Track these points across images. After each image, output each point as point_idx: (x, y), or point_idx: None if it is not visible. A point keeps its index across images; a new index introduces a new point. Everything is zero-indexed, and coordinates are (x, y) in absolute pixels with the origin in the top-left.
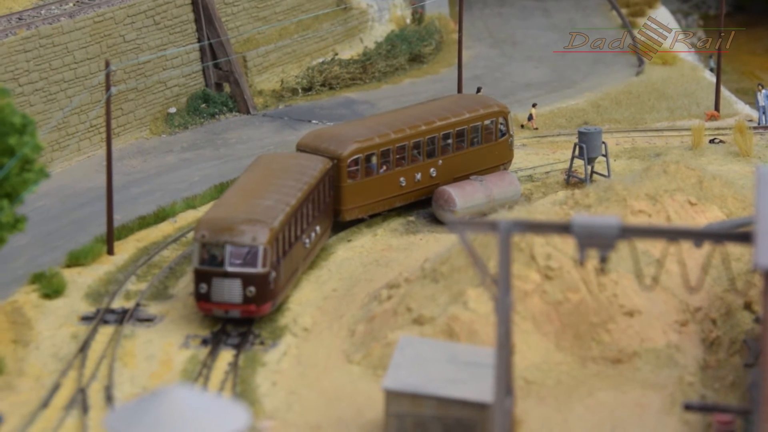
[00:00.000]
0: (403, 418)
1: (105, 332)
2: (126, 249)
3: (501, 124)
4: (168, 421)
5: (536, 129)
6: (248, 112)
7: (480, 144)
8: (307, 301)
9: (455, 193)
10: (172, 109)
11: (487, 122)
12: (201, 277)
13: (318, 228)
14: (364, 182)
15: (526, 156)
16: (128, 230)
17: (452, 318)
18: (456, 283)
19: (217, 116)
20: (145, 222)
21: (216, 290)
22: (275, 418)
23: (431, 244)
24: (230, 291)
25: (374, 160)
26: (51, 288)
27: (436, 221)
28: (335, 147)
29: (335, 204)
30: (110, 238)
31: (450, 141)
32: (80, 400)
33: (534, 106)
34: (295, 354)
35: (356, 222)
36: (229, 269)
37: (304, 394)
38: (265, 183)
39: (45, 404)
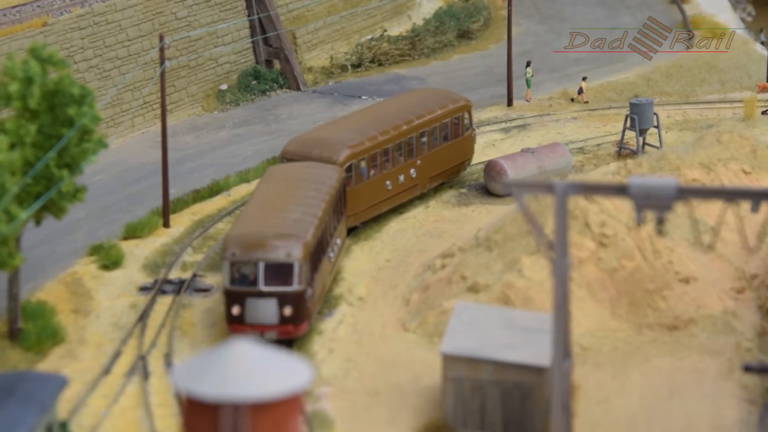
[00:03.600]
0: (460, 382)
1: (163, 302)
2: (181, 222)
3: (465, 118)
4: (232, 375)
5: (586, 102)
6: (298, 89)
7: (449, 140)
8: (361, 271)
9: (507, 164)
10: (224, 86)
11: (455, 118)
12: (233, 298)
13: (338, 240)
14: (357, 188)
15: (577, 129)
16: (183, 203)
17: (507, 285)
18: (510, 251)
19: (267, 93)
20: (199, 195)
21: (250, 311)
22: (333, 385)
23: (483, 216)
24: (265, 312)
25: (363, 164)
26: (109, 259)
27: (487, 193)
28: (329, 153)
29: None
30: (166, 211)
31: (425, 139)
32: (141, 367)
33: (584, 79)
34: (350, 322)
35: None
36: (264, 288)
37: (360, 361)
38: (286, 195)
39: (107, 371)
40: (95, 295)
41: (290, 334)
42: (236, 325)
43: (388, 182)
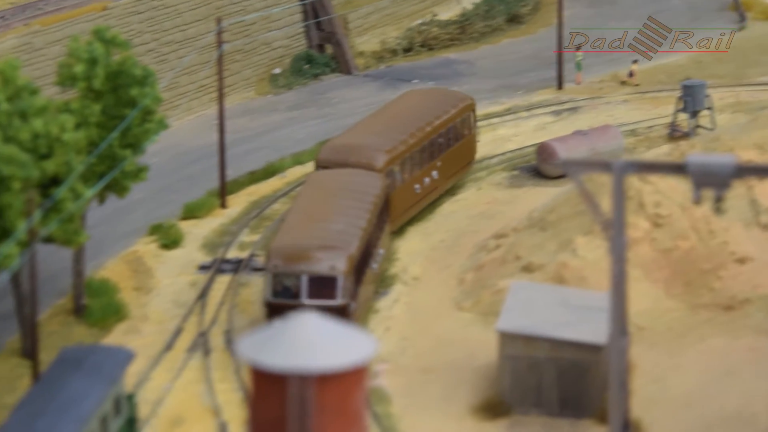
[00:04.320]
0: (517, 360)
1: (222, 280)
2: (238, 202)
3: (471, 118)
4: (299, 347)
5: (637, 85)
6: (350, 73)
7: (460, 140)
8: (415, 252)
9: (559, 146)
10: (277, 70)
11: (463, 117)
12: (274, 310)
13: (382, 251)
14: (393, 194)
15: (628, 111)
16: (239, 185)
17: (562, 265)
18: (564, 231)
19: (319, 77)
20: (254, 177)
21: None
22: (389, 362)
23: (535, 197)
24: None
25: (397, 169)
26: (169, 239)
27: (539, 175)
28: (367, 159)
29: None
30: (223, 192)
31: (442, 140)
32: (202, 344)
33: (635, 62)
34: (406, 301)
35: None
36: (307, 302)
37: (416, 339)
38: (330, 204)
39: (169, 347)
40: (156, 273)
41: None
42: None
43: (416, 186)
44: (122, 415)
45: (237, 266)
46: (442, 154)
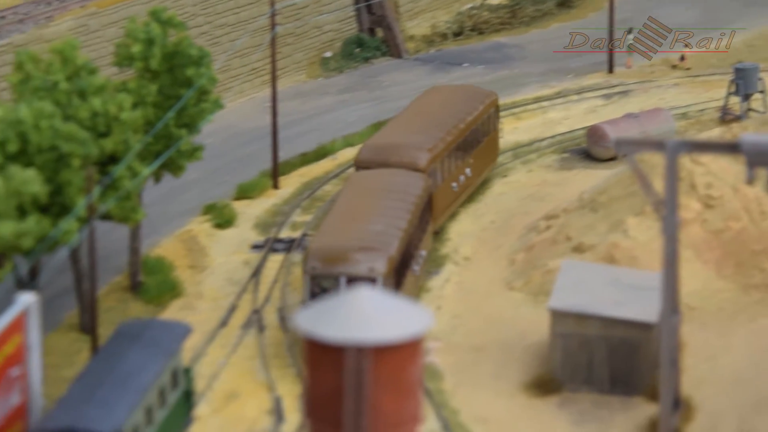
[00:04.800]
0: (568, 338)
1: (275, 259)
2: (290, 183)
3: (494, 114)
4: (356, 319)
5: (688, 69)
6: (400, 56)
7: (488, 136)
8: (466, 232)
9: (609, 128)
10: (328, 54)
11: (489, 114)
12: None
13: (423, 252)
14: (434, 194)
15: (679, 95)
16: (291, 166)
17: (612, 246)
18: (615, 212)
19: (370, 60)
20: (306, 159)
21: None
22: (440, 340)
23: (585, 179)
24: None
25: (437, 167)
26: (223, 218)
27: (589, 158)
28: (410, 159)
29: None
30: (275, 173)
31: (473, 137)
32: (256, 321)
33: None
34: (457, 281)
35: None
36: None
37: (467, 318)
38: (370, 204)
39: (224, 323)
40: (210, 252)
41: None
42: None
43: (454, 184)
44: (179, 388)
45: (289, 245)
46: (474, 151)
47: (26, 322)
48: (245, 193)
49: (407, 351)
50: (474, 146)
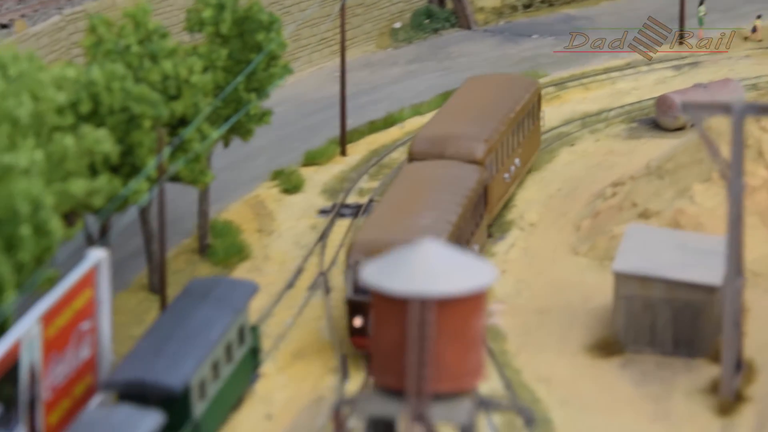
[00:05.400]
0: (632, 300)
1: (341, 224)
2: (358, 151)
3: (537, 103)
4: (420, 272)
5: (760, 41)
6: (469, 28)
7: (533, 125)
8: (532, 199)
9: (678, 98)
10: (397, 25)
11: (534, 102)
12: (355, 308)
13: (476, 247)
14: (490, 185)
15: (750, 66)
16: (359, 134)
17: (678, 212)
18: (682, 179)
19: (439, 32)
20: (374, 127)
21: None
22: (505, 303)
23: (653, 149)
24: None
25: (492, 158)
26: (290, 184)
27: (657, 127)
28: (467, 150)
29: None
30: (343, 140)
31: (520, 126)
32: (322, 283)
33: (758, 17)
34: (522, 246)
35: None
36: None
37: (532, 282)
38: (420, 197)
39: (290, 285)
40: (277, 216)
41: None
42: (358, 338)
43: (506, 174)
44: (246, 345)
45: (356, 211)
46: (522, 140)
47: (96, 277)
48: (313, 159)
49: (470, 304)
50: (522, 136)
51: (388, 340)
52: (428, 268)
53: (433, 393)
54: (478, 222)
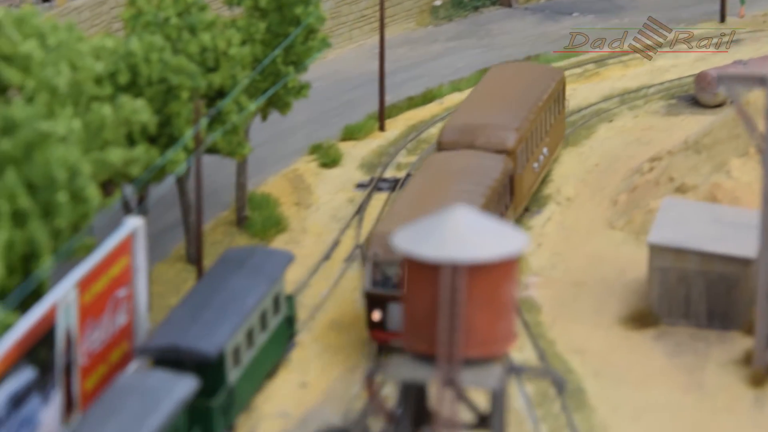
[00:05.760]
0: (666, 272)
1: (378, 198)
2: (396, 126)
3: (561, 93)
4: (452, 239)
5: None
6: (510, 5)
7: (559, 114)
8: (569, 174)
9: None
10: (438, 2)
11: (560, 91)
12: (374, 301)
13: None
14: (521, 175)
15: None
16: (398, 109)
17: (715, 186)
18: (719, 153)
19: (480, 9)
20: (413, 102)
21: (392, 318)
22: (541, 275)
23: (692, 125)
24: None
25: (523, 148)
26: (328, 158)
27: (697, 104)
28: (497, 140)
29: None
30: (382, 115)
31: (547, 115)
32: (358, 255)
33: None
34: (558, 220)
35: None
36: None
37: (567, 255)
38: (443, 189)
39: (327, 257)
40: (315, 190)
41: None
42: (377, 331)
43: (535, 164)
44: (281, 314)
45: (394, 185)
46: (549, 130)
47: (133, 245)
48: (351, 134)
49: (501, 270)
50: (549, 125)
51: (420, 306)
52: (460, 235)
53: (463, 358)
54: (503, 212)
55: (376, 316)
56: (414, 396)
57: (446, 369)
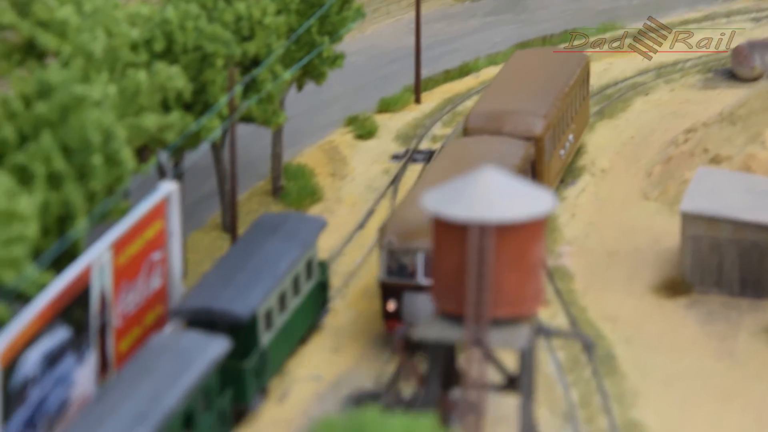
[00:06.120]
0: (699, 240)
1: (413, 169)
2: (432, 99)
3: (588, 77)
4: (480, 199)
5: None
6: None
7: (584, 100)
8: (604, 146)
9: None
10: None
11: (585, 77)
12: (388, 291)
13: None
14: (548, 162)
15: None
16: (434, 82)
17: (749, 157)
18: (754, 125)
19: None
20: (449, 76)
21: (408, 307)
22: (574, 245)
23: (728, 98)
24: (425, 308)
25: (550, 134)
26: (364, 130)
27: (734, 78)
28: (525, 126)
29: None
30: (418, 87)
31: (573, 101)
32: None
33: None
34: (593, 191)
35: None
36: (424, 282)
37: (601, 225)
38: (458, 176)
39: (361, 226)
40: (350, 161)
41: None
42: (392, 321)
43: (562, 151)
44: (314, 279)
45: (429, 156)
46: (575, 116)
47: (167, 209)
48: (387, 106)
49: (529, 231)
50: (574, 111)
51: (449, 267)
52: (488, 196)
53: (491, 318)
54: None
55: (391, 306)
56: (443, 358)
57: (474, 329)
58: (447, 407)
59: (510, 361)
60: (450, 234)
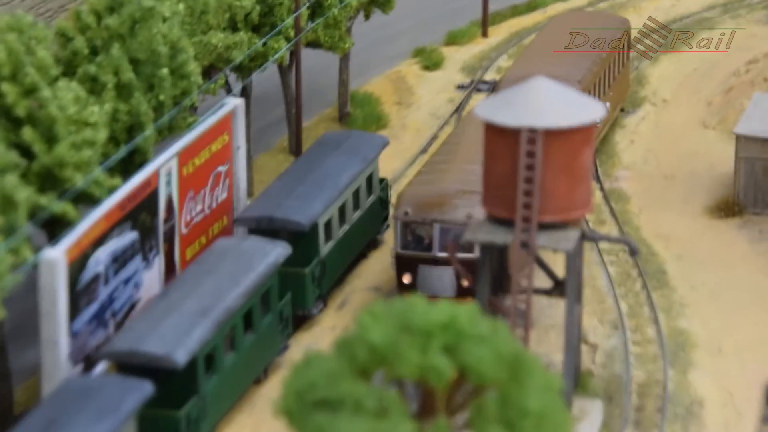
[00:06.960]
0: (752, 162)
1: (477, 98)
2: (499, 33)
3: (629, 43)
4: (530, 107)
5: None
6: None
7: (623, 67)
8: (667, 77)
9: None
10: None
11: (625, 42)
12: (404, 263)
13: None
14: None
15: None
16: (502, 17)
17: None
18: None
19: None
20: (517, 11)
21: (423, 280)
22: (631, 169)
23: None
24: (441, 281)
25: None
26: (431, 61)
27: None
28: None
29: None
30: (485, 21)
31: (611, 67)
32: None
33: None
34: (653, 120)
35: None
36: (439, 254)
37: (659, 151)
38: (475, 148)
39: (423, 150)
40: (416, 90)
41: None
42: (407, 294)
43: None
44: (374, 195)
45: (493, 86)
46: (613, 83)
47: (233, 123)
48: (454, 39)
49: (578, 137)
50: (612, 78)
51: (499, 173)
52: (539, 103)
53: (539, 223)
54: None
55: (407, 278)
56: (493, 262)
57: (523, 232)
58: (496, 310)
59: (559, 269)
60: (501, 140)
